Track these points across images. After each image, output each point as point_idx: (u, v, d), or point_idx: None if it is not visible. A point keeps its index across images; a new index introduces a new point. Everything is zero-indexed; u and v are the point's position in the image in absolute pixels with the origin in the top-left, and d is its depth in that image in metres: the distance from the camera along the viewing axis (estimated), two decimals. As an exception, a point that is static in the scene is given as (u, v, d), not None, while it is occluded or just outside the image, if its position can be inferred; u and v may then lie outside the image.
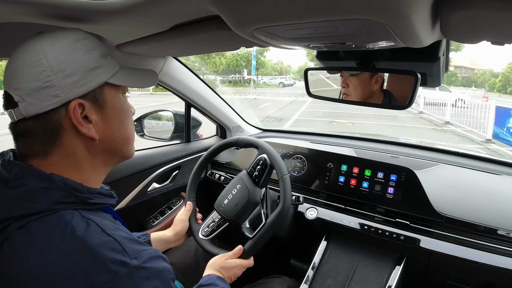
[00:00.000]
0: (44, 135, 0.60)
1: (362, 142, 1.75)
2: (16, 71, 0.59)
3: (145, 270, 0.55)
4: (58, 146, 0.61)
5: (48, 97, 0.58)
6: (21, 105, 0.58)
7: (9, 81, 0.59)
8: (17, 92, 0.58)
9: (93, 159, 0.66)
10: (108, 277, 0.51)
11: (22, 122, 0.59)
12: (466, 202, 1.21)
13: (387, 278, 1.19)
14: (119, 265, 0.52)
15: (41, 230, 0.54)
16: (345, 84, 1.02)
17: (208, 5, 0.66)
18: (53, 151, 0.61)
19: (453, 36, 0.67)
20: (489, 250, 1.09)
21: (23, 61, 0.59)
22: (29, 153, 0.61)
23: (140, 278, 0.54)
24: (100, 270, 0.51)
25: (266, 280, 1.30)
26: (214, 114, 1.88)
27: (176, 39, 0.97)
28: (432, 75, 0.94)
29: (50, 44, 0.60)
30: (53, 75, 0.58)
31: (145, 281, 0.54)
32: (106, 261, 0.52)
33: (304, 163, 1.57)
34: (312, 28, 0.66)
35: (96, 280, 0.51)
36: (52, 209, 0.56)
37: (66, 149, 0.62)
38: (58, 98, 0.59)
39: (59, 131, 0.60)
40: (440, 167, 1.43)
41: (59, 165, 0.61)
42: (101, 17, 0.80)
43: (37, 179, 0.58)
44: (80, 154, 0.63)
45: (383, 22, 0.56)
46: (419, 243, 1.18)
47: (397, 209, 1.28)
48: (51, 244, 0.53)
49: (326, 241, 1.37)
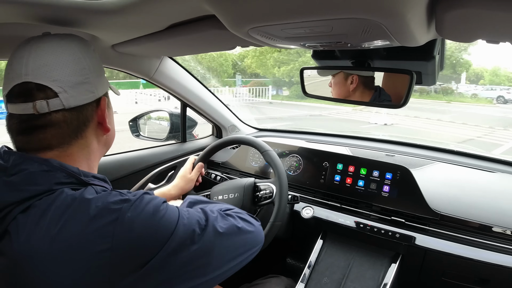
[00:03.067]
0: (77, 126, 0.66)
1: (357, 140, 1.76)
2: (53, 65, 0.62)
3: (144, 199, 0.61)
4: (82, 137, 0.67)
5: (86, 91, 0.66)
6: (62, 96, 0.62)
7: (43, 72, 0.61)
8: (58, 84, 0.61)
9: (99, 150, 0.74)
10: (115, 215, 0.56)
11: (58, 113, 0.62)
12: (461, 200, 1.22)
13: (382, 275, 1.20)
14: (121, 203, 0.58)
15: (43, 208, 0.57)
16: (330, 84, 1.08)
17: (203, 5, 0.66)
18: (76, 142, 0.66)
19: (448, 35, 0.68)
20: (484, 247, 1.10)
21: (60, 57, 0.63)
22: (53, 145, 0.64)
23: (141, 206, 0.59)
24: (104, 214, 0.56)
25: (263, 280, 1.30)
26: (210, 113, 1.87)
27: (171, 39, 0.96)
28: (427, 74, 0.95)
29: (83, 46, 0.68)
30: (90, 73, 0.67)
31: (146, 206, 0.60)
32: (107, 204, 0.57)
33: (300, 162, 1.57)
34: (308, 27, 0.66)
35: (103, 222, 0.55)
36: (52, 189, 0.59)
37: (86, 141, 0.69)
38: (92, 93, 0.67)
39: (89, 123, 0.68)
40: (435, 165, 1.44)
41: (75, 155, 0.67)
42: (96, 17, 0.80)
43: (36, 163, 0.60)
44: (92, 145, 0.71)
45: (378, 21, 0.56)
46: (414, 240, 1.19)
47: (392, 207, 1.28)
48: (55, 217, 0.55)
49: (322, 239, 1.38)
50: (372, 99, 0.98)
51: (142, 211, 0.59)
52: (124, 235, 0.56)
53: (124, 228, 0.56)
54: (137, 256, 0.56)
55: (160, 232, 0.59)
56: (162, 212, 0.61)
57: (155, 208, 0.60)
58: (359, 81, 1.00)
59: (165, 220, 0.60)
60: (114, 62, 1.26)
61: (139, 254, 0.56)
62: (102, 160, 1.46)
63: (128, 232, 0.56)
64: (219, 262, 0.67)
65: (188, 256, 0.61)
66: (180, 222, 0.62)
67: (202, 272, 0.64)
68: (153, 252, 0.57)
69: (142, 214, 0.58)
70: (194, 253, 0.62)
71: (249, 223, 0.79)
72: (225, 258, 0.69)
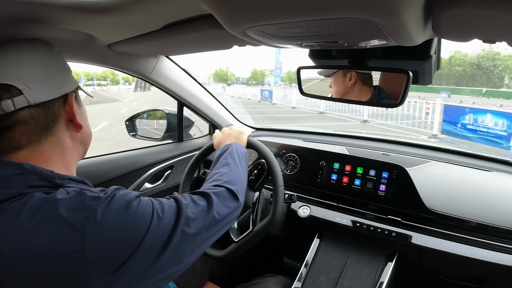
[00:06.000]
0: (45, 122, 0.66)
1: (354, 140, 1.76)
2: (17, 64, 0.63)
3: (115, 196, 0.60)
4: (52, 134, 0.67)
5: (52, 87, 0.66)
6: (26, 92, 0.62)
7: (7, 72, 0.62)
8: (22, 81, 0.62)
9: (73, 148, 0.73)
10: (85, 213, 0.55)
11: (24, 110, 0.63)
12: (457, 199, 1.23)
13: (379, 274, 1.20)
14: (91, 200, 0.57)
15: (15, 211, 0.56)
16: (330, 85, 1.08)
17: (201, 4, 0.66)
18: (46, 139, 0.66)
19: (444, 34, 0.68)
20: (480, 246, 1.11)
21: (24, 57, 0.65)
22: (23, 144, 0.64)
23: (113, 203, 0.58)
24: (74, 212, 0.55)
25: (261, 280, 1.30)
26: (206, 113, 1.87)
27: (168, 38, 0.96)
28: (423, 73, 0.95)
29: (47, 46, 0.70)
30: (54, 70, 0.68)
31: (118, 202, 0.59)
32: (77, 203, 0.57)
33: (296, 162, 1.57)
34: (304, 27, 0.66)
35: (73, 221, 0.54)
36: (24, 192, 0.58)
37: (57, 138, 0.68)
38: (58, 89, 0.67)
39: (58, 119, 0.68)
40: (431, 164, 1.45)
41: (48, 153, 0.67)
42: (92, 16, 0.79)
43: (8, 167, 0.60)
44: (66, 143, 0.70)
45: (375, 20, 0.56)
46: (410, 239, 1.19)
47: (388, 206, 1.29)
48: (25, 220, 0.55)
49: (318, 238, 1.38)
50: (372, 97, 0.98)
51: (113, 208, 0.58)
52: (96, 233, 0.54)
53: (95, 226, 0.55)
54: (111, 255, 0.55)
55: (134, 229, 0.58)
56: (134, 208, 0.60)
57: (127, 204, 0.59)
58: (357, 77, 1.00)
59: (138, 216, 0.60)
60: (110, 61, 1.26)
61: (113, 254, 0.55)
62: (98, 160, 1.48)
63: (100, 231, 0.55)
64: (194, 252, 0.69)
65: (164, 253, 0.61)
66: (154, 217, 0.61)
67: (179, 261, 0.65)
68: (128, 251, 0.56)
69: (113, 211, 0.57)
70: (169, 251, 0.61)
71: (231, 199, 0.83)
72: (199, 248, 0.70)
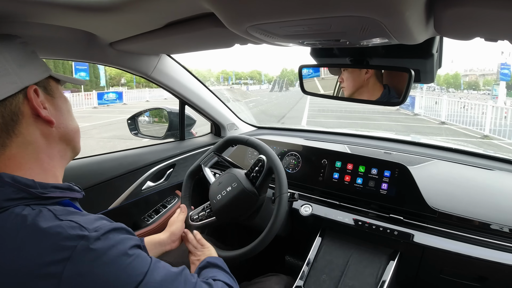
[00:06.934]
0: (4, 123, 0.59)
1: (356, 138, 1.76)
2: None
3: (107, 239, 0.53)
4: (16, 135, 0.61)
5: (6, 84, 0.59)
6: None
7: None
8: None
9: (50, 147, 0.66)
10: (67, 254, 0.49)
11: None
12: (459, 197, 1.23)
13: (381, 273, 1.20)
14: (77, 240, 0.50)
15: None
16: (341, 79, 1.04)
17: (202, 3, 0.65)
18: (11, 142, 0.60)
19: (446, 33, 0.68)
20: (482, 245, 1.10)
21: None
22: None
23: (102, 248, 0.51)
24: (55, 250, 0.50)
25: (263, 279, 1.30)
26: (208, 111, 1.87)
27: (170, 36, 0.96)
28: (425, 72, 0.95)
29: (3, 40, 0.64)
30: (9, 64, 0.61)
31: (109, 250, 0.52)
32: (61, 238, 0.50)
33: (298, 160, 1.57)
34: (306, 25, 0.66)
35: (52, 259, 0.49)
36: (2, 207, 0.54)
37: (25, 138, 0.62)
38: (15, 84, 0.60)
39: (18, 117, 0.61)
40: (433, 162, 1.44)
41: (18, 157, 0.61)
42: (93, 15, 0.80)
43: None
44: (38, 142, 0.63)
45: (377, 19, 0.56)
46: (412, 238, 1.19)
47: (391, 205, 1.29)
48: (3, 244, 0.51)
49: (320, 237, 1.38)
50: (383, 95, 0.97)
51: (101, 254, 0.51)
52: (73, 279, 0.48)
53: (74, 270, 0.49)
54: None
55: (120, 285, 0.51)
56: (127, 259, 0.53)
57: (119, 253, 0.53)
58: (373, 72, 0.98)
59: (130, 269, 0.53)
60: (112, 60, 1.26)
61: None
62: (100, 159, 1.48)
63: (79, 277, 0.49)
64: None
65: None
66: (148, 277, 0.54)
67: None
68: None
69: (100, 258, 0.50)
70: None
71: None
72: None
